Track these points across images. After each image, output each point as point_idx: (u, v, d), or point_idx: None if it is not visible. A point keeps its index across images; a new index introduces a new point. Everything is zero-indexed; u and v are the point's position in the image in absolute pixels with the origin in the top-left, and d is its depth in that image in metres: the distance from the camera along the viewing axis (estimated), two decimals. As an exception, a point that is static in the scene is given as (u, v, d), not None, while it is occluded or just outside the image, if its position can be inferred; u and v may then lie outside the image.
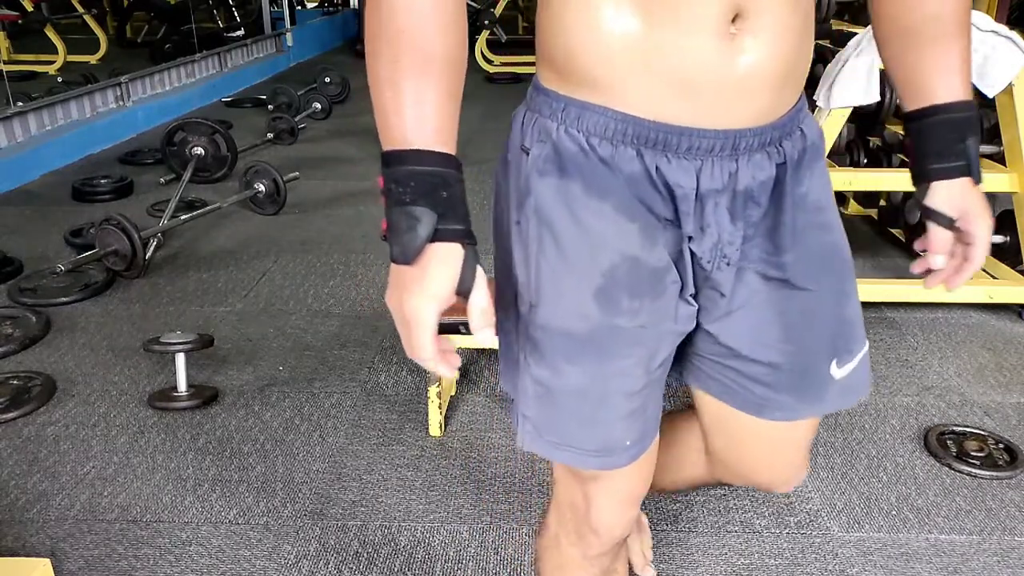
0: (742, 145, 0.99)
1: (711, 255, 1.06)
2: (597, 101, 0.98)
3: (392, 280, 0.94)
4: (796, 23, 0.97)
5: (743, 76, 0.94)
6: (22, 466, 2.45)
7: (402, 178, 0.90)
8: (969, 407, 2.79)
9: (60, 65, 7.44)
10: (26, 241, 4.27)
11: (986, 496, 2.34)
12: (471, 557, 2.11)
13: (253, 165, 4.73)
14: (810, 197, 1.09)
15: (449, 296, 0.92)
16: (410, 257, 0.90)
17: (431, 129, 0.92)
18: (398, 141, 0.92)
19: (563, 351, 1.06)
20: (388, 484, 2.39)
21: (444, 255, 0.91)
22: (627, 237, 1.02)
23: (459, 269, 0.91)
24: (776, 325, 1.13)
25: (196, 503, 2.30)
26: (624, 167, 0.99)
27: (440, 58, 0.92)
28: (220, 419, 2.70)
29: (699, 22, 0.91)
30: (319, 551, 2.12)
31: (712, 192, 1.01)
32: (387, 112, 0.93)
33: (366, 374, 3.00)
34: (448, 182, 0.92)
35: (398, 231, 0.90)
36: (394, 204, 0.90)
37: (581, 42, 0.96)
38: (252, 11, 10.44)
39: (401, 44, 0.91)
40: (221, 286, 3.75)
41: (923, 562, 2.09)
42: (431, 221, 0.89)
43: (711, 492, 2.35)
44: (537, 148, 1.03)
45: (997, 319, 3.43)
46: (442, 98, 0.93)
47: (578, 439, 1.12)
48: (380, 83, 0.94)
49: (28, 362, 3.05)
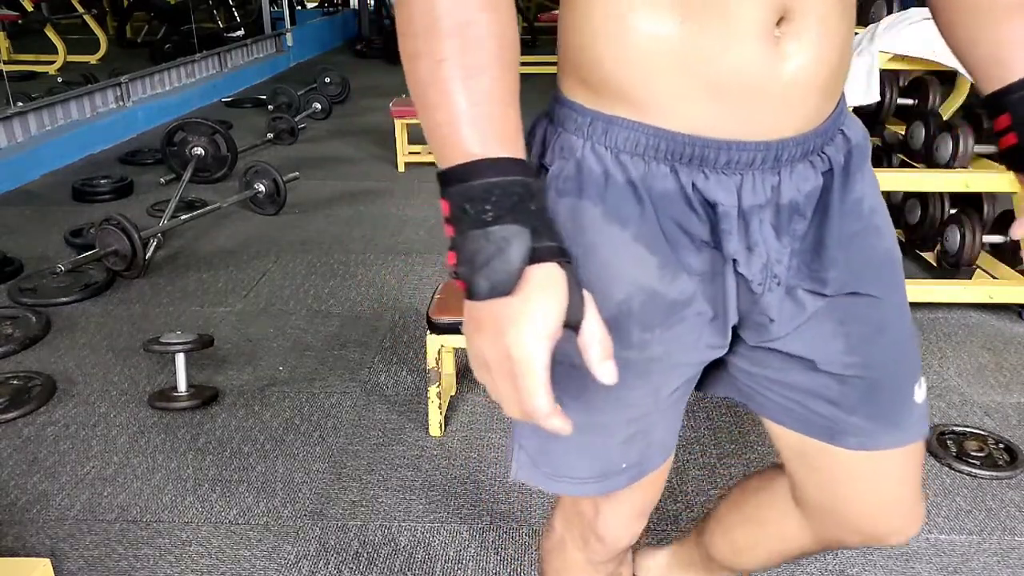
0: (784, 156, 0.92)
1: (761, 276, 0.97)
2: (627, 115, 0.89)
3: (477, 321, 0.79)
4: (841, 24, 0.91)
5: (787, 82, 0.87)
6: (22, 466, 2.45)
7: (478, 194, 0.76)
8: (969, 407, 2.79)
9: (60, 65, 7.44)
10: (26, 241, 4.27)
11: (986, 496, 2.34)
12: (471, 557, 2.11)
13: (253, 165, 4.73)
14: (865, 202, 1.02)
15: (558, 329, 0.78)
16: (507, 287, 0.76)
17: (501, 132, 0.79)
18: (461, 153, 0.77)
19: (564, 382, 0.95)
20: (388, 484, 2.39)
21: (546, 279, 0.77)
22: (645, 268, 0.94)
23: (566, 294, 0.78)
24: (836, 337, 1.03)
25: (196, 503, 2.30)
26: (657, 185, 0.91)
27: (494, 45, 0.79)
28: (220, 419, 2.70)
29: (742, 24, 0.83)
30: (319, 551, 2.12)
31: (755, 208, 0.93)
32: (440, 123, 0.79)
33: (366, 374, 3.00)
34: (533, 192, 0.78)
35: (482, 258, 0.76)
36: (471, 227, 0.76)
37: (610, 48, 0.87)
38: (252, 11, 10.44)
39: (443, 34, 0.78)
40: (221, 286, 3.75)
41: (923, 562, 2.09)
42: (524, 240, 0.75)
43: (711, 492, 2.35)
44: (558, 165, 0.94)
45: (997, 319, 3.43)
46: (505, 93, 0.80)
47: (575, 469, 1.08)
48: (425, 88, 0.80)
49: (28, 362, 3.05)
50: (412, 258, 4.10)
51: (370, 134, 6.74)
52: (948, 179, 3.34)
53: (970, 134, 3.31)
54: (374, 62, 11.09)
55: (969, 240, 3.43)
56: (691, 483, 2.39)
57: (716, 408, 2.77)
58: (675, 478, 2.41)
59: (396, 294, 3.68)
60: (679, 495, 2.33)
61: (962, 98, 4.23)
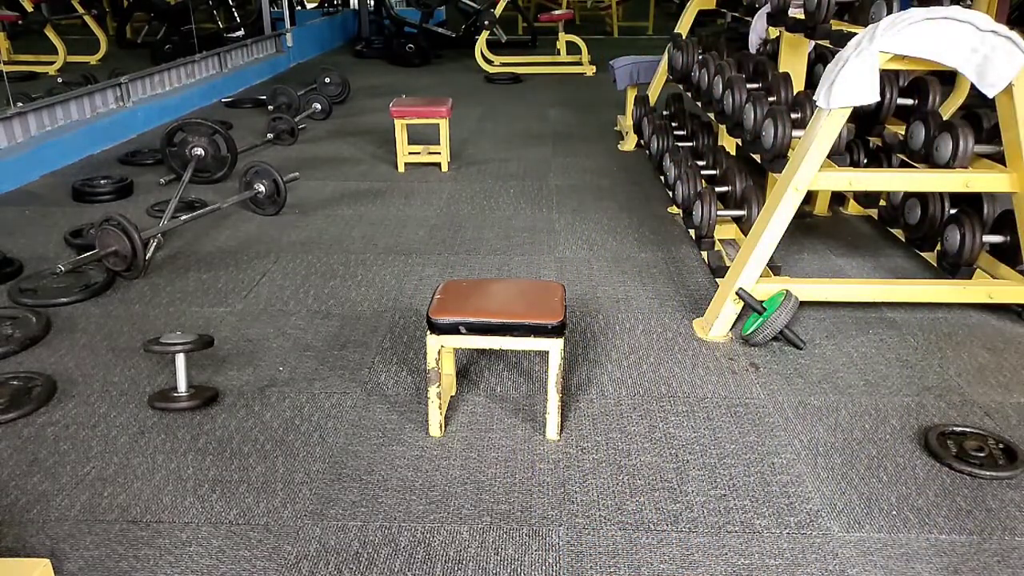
0: None
1: None
2: None
3: None
4: None
5: None
6: (22, 466, 2.45)
7: None
8: (969, 407, 2.79)
9: (60, 65, 7.44)
10: (26, 241, 4.27)
11: (986, 496, 2.34)
12: (471, 557, 2.11)
13: (253, 166, 4.73)
14: None
15: None
16: None
17: None
18: None
19: None
20: (388, 484, 2.38)
21: None
22: None
23: None
24: None
25: (196, 503, 2.30)
26: None
27: None
28: (220, 419, 2.70)
29: None
30: (319, 551, 2.12)
31: None
32: None
33: (366, 374, 3.00)
34: None
35: None
36: None
37: None
38: (252, 12, 10.45)
39: None
40: (221, 286, 3.75)
41: (923, 562, 2.09)
42: None
43: (711, 492, 2.35)
44: None
45: (997, 319, 3.43)
46: None
47: None
48: None
49: (28, 362, 3.05)
50: (412, 258, 4.10)
51: (370, 134, 6.73)
52: (948, 179, 3.34)
53: (970, 134, 3.31)
54: (374, 62, 11.09)
55: (969, 240, 3.43)
56: (691, 483, 2.39)
57: (716, 408, 2.77)
58: (675, 478, 2.41)
59: (396, 294, 3.68)
60: (679, 495, 2.33)
61: (962, 98, 4.24)
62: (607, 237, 4.41)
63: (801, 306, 3.36)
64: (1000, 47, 2.98)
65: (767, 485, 2.38)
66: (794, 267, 4.00)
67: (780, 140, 3.51)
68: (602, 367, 3.04)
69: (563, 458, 2.51)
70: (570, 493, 2.35)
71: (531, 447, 2.56)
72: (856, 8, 3.93)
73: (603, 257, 4.12)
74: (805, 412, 2.76)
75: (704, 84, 4.75)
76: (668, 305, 3.57)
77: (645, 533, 2.19)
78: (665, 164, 4.83)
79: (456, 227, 4.57)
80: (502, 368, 3.03)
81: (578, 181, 5.48)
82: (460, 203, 5.00)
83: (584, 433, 2.63)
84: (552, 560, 2.09)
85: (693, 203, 4.09)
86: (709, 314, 3.36)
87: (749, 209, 3.81)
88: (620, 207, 4.92)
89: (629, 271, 3.94)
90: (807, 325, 3.36)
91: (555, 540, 2.16)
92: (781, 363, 3.07)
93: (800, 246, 4.25)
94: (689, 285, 3.78)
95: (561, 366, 2.50)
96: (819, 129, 3.12)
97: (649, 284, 3.79)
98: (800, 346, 3.17)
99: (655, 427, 2.66)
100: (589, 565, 2.08)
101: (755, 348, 3.18)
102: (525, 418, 2.71)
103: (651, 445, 2.57)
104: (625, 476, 2.42)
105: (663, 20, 14.25)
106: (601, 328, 3.35)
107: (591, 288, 3.74)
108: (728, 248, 4.09)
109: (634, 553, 2.12)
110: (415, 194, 5.19)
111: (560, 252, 4.19)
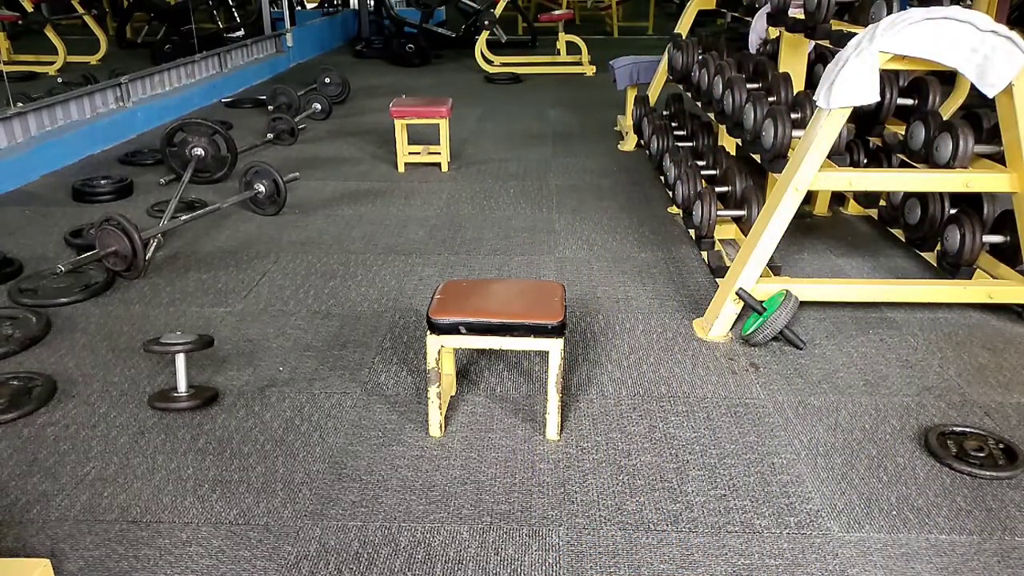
0: None
1: None
2: None
3: None
4: None
5: None
6: (22, 467, 2.45)
7: None
8: (969, 407, 2.79)
9: (60, 66, 7.44)
10: (26, 241, 4.27)
11: (986, 496, 2.34)
12: (471, 557, 2.11)
13: (253, 166, 4.73)
14: None
15: None
16: None
17: None
18: None
19: None
20: (388, 484, 2.38)
21: None
22: None
23: None
24: None
25: (196, 504, 2.30)
26: None
27: None
28: (220, 420, 2.70)
29: None
30: (319, 551, 2.12)
31: None
32: None
33: (366, 374, 3.00)
34: None
35: None
36: None
37: None
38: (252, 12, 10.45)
39: None
40: (221, 286, 3.75)
41: (923, 562, 2.09)
42: None
43: (711, 492, 2.35)
44: None
45: (997, 319, 3.43)
46: None
47: None
48: None
49: (28, 363, 3.05)
50: (412, 258, 4.10)
51: (370, 134, 6.73)
52: (948, 179, 3.34)
53: (970, 134, 3.31)
54: (374, 62, 11.09)
55: (969, 240, 3.43)
56: (691, 483, 2.39)
57: (716, 408, 2.77)
58: (675, 478, 2.41)
59: (396, 294, 3.68)
60: (679, 495, 2.33)
61: (962, 98, 4.24)
62: (607, 237, 4.41)
63: (801, 306, 3.36)
64: (1000, 47, 2.98)
65: (767, 485, 2.38)
66: (794, 267, 4.00)
67: (780, 140, 3.51)
68: (602, 367, 3.04)
69: (563, 458, 2.51)
70: (570, 493, 2.35)
71: (531, 447, 2.56)
72: (856, 8, 3.94)
73: (603, 257, 4.12)
74: (805, 412, 2.76)
75: (704, 84, 4.75)
76: (668, 305, 3.57)
77: (645, 533, 2.19)
78: (665, 164, 4.83)
79: (456, 227, 4.57)
80: (502, 368, 3.03)
81: (578, 181, 5.48)
82: (460, 203, 5.00)
83: (584, 433, 2.63)
84: (552, 560, 2.09)
85: (693, 203, 4.09)
86: (709, 314, 3.36)
87: (749, 209, 3.81)
88: (620, 207, 4.92)
89: (629, 271, 3.94)
90: (807, 325, 3.36)
91: (555, 540, 2.16)
92: (781, 363, 3.08)
93: (800, 246, 4.25)
94: (689, 285, 3.78)
95: (561, 366, 2.50)
96: (819, 129, 3.12)
97: (649, 284, 3.79)
98: (800, 346, 3.17)
99: (655, 427, 2.67)
100: (589, 565, 2.08)
101: (755, 348, 3.18)
102: (525, 418, 2.71)
103: (651, 445, 2.57)
104: (625, 476, 2.42)
105: (663, 20, 14.25)
106: (601, 328, 3.35)
107: (591, 288, 3.74)
108: (728, 248, 4.09)
109: (634, 553, 2.12)
110: (415, 194, 5.19)
111: (560, 252, 4.20)
